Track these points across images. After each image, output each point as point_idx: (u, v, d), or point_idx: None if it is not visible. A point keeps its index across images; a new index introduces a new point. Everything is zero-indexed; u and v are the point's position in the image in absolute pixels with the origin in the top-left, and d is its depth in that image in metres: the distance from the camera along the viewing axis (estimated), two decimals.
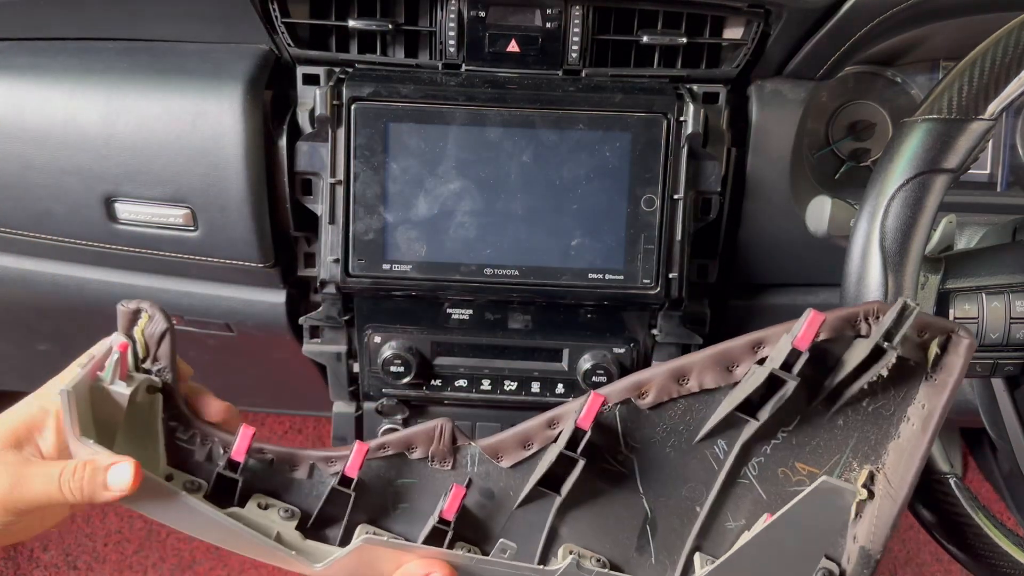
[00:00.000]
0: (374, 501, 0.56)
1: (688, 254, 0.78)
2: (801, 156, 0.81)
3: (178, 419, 0.56)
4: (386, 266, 0.77)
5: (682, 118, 0.75)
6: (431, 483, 0.56)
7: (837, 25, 0.74)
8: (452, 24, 0.77)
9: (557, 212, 0.76)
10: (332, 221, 0.77)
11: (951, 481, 0.56)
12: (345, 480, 0.54)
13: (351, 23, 0.77)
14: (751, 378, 0.51)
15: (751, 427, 0.52)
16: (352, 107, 0.75)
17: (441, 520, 0.53)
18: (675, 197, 0.76)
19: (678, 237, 0.77)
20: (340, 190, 0.76)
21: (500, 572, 0.53)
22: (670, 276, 0.77)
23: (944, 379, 0.50)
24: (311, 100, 0.77)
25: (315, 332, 0.87)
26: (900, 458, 0.51)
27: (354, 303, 0.83)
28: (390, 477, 0.56)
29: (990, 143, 0.88)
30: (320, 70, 0.79)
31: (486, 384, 0.84)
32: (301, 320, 0.86)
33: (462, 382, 0.84)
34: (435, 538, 0.53)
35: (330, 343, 0.86)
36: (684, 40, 0.77)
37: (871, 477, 0.52)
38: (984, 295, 0.59)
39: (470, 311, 0.82)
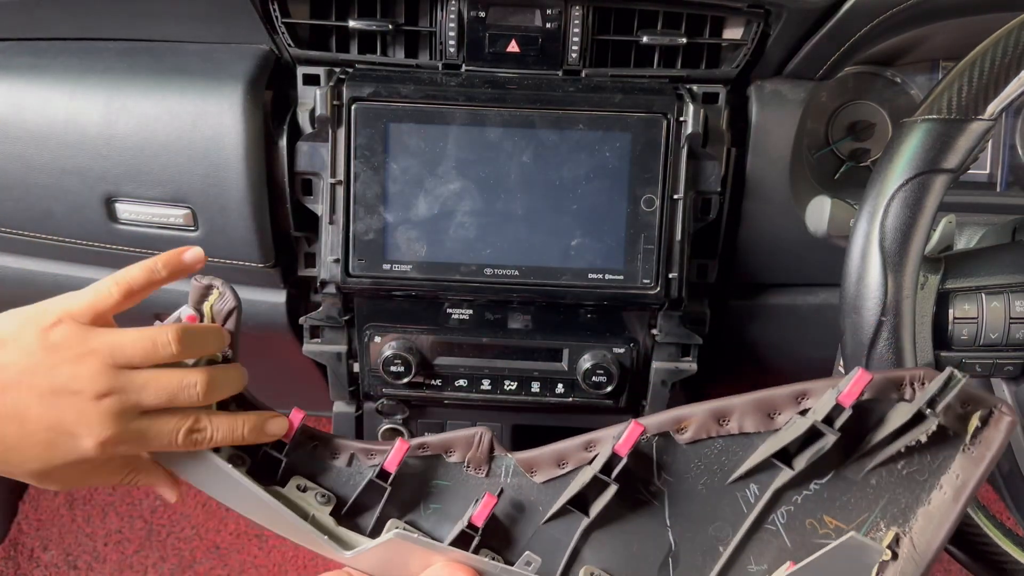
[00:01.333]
0: (407, 498, 0.58)
1: (688, 254, 0.78)
2: (801, 156, 0.81)
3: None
4: (386, 266, 0.77)
5: (682, 118, 0.75)
6: (464, 488, 0.57)
7: (837, 25, 0.74)
8: (452, 24, 0.77)
9: (557, 212, 0.76)
10: (332, 221, 0.77)
11: None
12: (383, 474, 0.56)
13: (351, 23, 0.77)
14: (791, 427, 0.51)
15: (785, 475, 0.52)
16: (352, 107, 0.75)
17: (470, 525, 0.54)
18: (675, 197, 0.76)
19: (678, 237, 0.77)
20: (340, 190, 0.76)
21: None
22: (670, 276, 0.77)
23: (982, 452, 0.50)
24: (311, 100, 0.77)
25: (315, 332, 0.87)
26: (928, 524, 0.52)
27: (354, 303, 0.83)
28: (426, 477, 0.58)
29: (990, 143, 0.88)
30: (320, 70, 0.79)
31: (486, 384, 0.84)
32: (301, 320, 0.86)
33: (462, 382, 0.84)
34: (462, 542, 0.54)
35: (330, 343, 0.86)
36: (684, 40, 0.77)
37: (896, 539, 0.52)
38: (984, 295, 0.59)
39: (470, 311, 0.82)
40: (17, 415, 0.49)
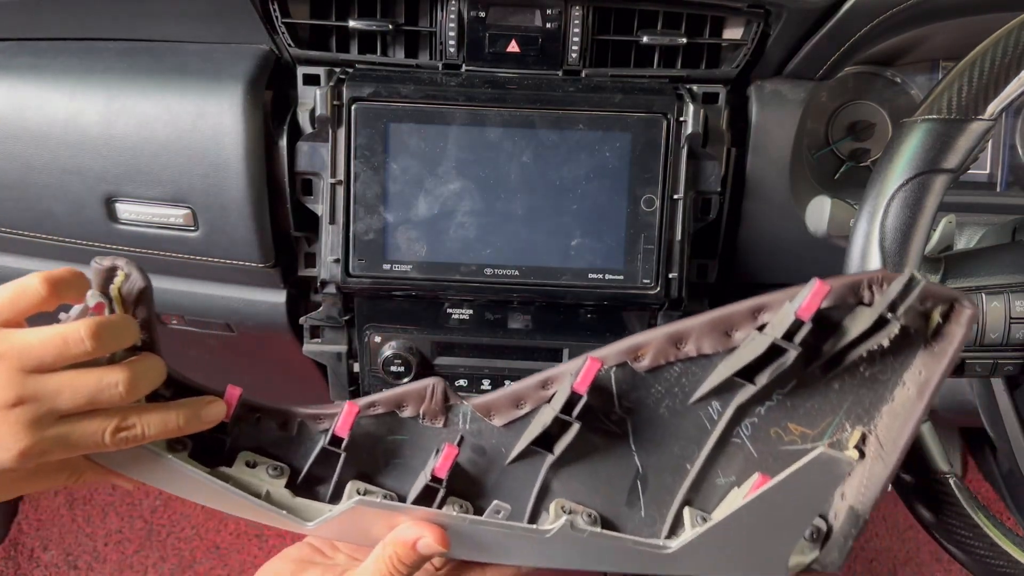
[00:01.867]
0: (365, 458, 0.56)
1: (688, 254, 0.78)
2: (801, 156, 0.81)
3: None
4: (386, 266, 0.77)
5: (682, 118, 0.75)
6: (422, 439, 0.56)
7: (837, 25, 0.74)
8: (452, 24, 0.77)
9: (557, 212, 0.76)
10: (332, 221, 0.77)
11: (951, 481, 0.56)
12: (335, 440, 0.54)
13: (351, 23, 0.77)
14: (751, 345, 0.51)
15: (747, 391, 0.52)
16: (352, 107, 0.75)
17: (433, 478, 0.53)
18: (675, 197, 0.76)
19: (678, 237, 0.77)
20: (340, 190, 0.76)
21: (493, 532, 0.52)
22: (670, 276, 0.77)
23: (944, 347, 0.49)
24: (311, 100, 0.77)
25: (315, 332, 0.87)
26: (894, 421, 0.51)
27: (354, 303, 0.83)
28: (381, 434, 0.56)
29: (990, 143, 0.88)
30: (320, 70, 0.79)
31: (486, 384, 0.84)
32: (301, 320, 0.86)
33: (462, 382, 0.84)
34: (427, 496, 0.53)
35: (330, 343, 0.86)
36: (684, 40, 0.77)
37: (863, 438, 0.52)
38: (984, 295, 0.59)
39: (470, 311, 0.82)
40: None
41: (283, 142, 0.78)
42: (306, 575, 0.53)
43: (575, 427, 0.52)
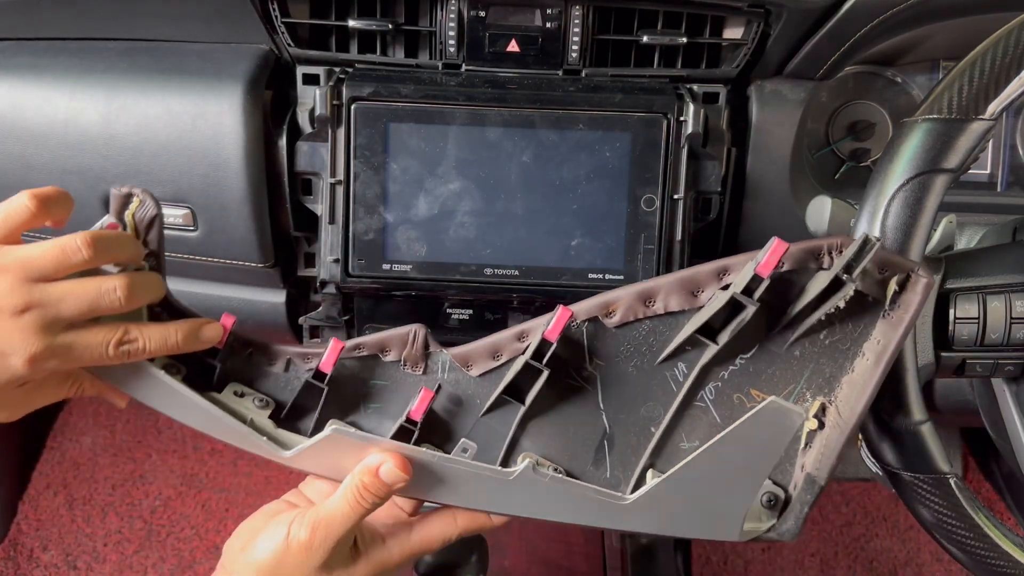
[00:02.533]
0: (346, 399, 0.58)
1: (688, 254, 0.78)
2: (801, 156, 0.81)
3: (162, 305, 0.57)
4: (386, 266, 0.77)
5: (682, 118, 0.75)
6: (402, 386, 0.58)
7: (837, 25, 0.74)
8: (452, 24, 0.77)
9: (557, 212, 0.76)
10: (332, 221, 0.77)
11: (952, 481, 0.56)
12: (319, 375, 0.56)
13: (351, 23, 0.77)
14: (713, 302, 0.53)
15: (710, 351, 0.53)
16: (352, 107, 0.75)
17: (408, 420, 0.55)
18: (675, 197, 0.76)
19: (678, 237, 0.77)
20: (340, 190, 0.76)
21: (459, 471, 0.55)
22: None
23: (900, 315, 0.51)
24: (311, 100, 0.77)
25: (315, 332, 0.86)
26: (852, 391, 0.53)
27: (354, 303, 0.83)
28: (364, 377, 0.58)
29: (990, 143, 0.88)
30: (320, 70, 0.79)
31: None
32: (301, 320, 0.86)
33: None
34: (402, 437, 0.55)
35: None
36: (684, 40, 0.77)
37: (823, 409, 0.54)
38: (984, 295, 0.58)
39: (470, 311, 0.82)
40: None
41: (283, 142, 0.78)
42: (278, 519, 0.55)
43: (544, 374, 0.54)
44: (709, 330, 0.53)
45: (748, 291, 0.51)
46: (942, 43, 0.83)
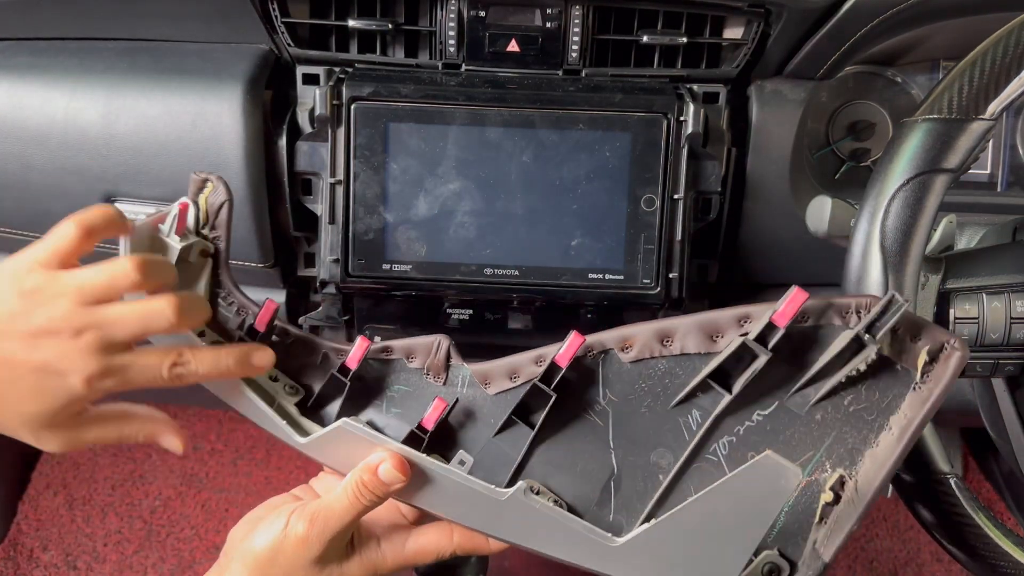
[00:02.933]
0: (368, 398, 0.60)
1: (688, 254, 0.78)
2: (801, 156, 0.81)
3: (222, 285, 0.60)
4: (386, 266, 0.77)
5: (682, 118, 0.75)
6: (423, 394, 0.59)
7: (837, 25, 0.74)
8: (452, 24, 0.77)
9: (557, 212, 0.76)
10: (332, 221, 0.77)
11: (951, 481, 0.56)
12: (344, 369, 0.58)
13: (351, 23, 0.77)
14: (728, 348, 0.51)
15: (724, 400, 0.52)
16: (352, 107, 0.75)
17: (419, 427, 0.56)
18: (675, 197, 0.76)
19: (678, 237, 0.77)
20: (340, 190, 0.76)
21: (454, 484, 0.55)
22: (670, 276, 0.77)
23: (930, 389, 0.48)
24: (311, 100, 0.77)
25: (315, 332, 0.86)
26: (873, 466, 0.50)
27: (354, 303, 0.83)
28: (388, 380, 0.60)
29: (990, 143, 0.88)
30: (320, 70, 0.79)
31: None
32: (301, 320, 0.86)
33: None
34: (412, 443, 0.56)
35: None
36: (684, 40, 0.77)
37: (841, 482, 0.51)
38: (984, 295, 0.58)
39: (470, 311, 0.82)
40: (4, 361, 0.50)
41: (282, 142, 0.78)
42: (279, 511, 0.56)
43: (552, 398, 0.54)
44: (724, 378, 0.51)
45: (763, 339, 0.49)
46: (942, 43, 0.83)
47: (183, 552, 1.41)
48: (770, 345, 0.49)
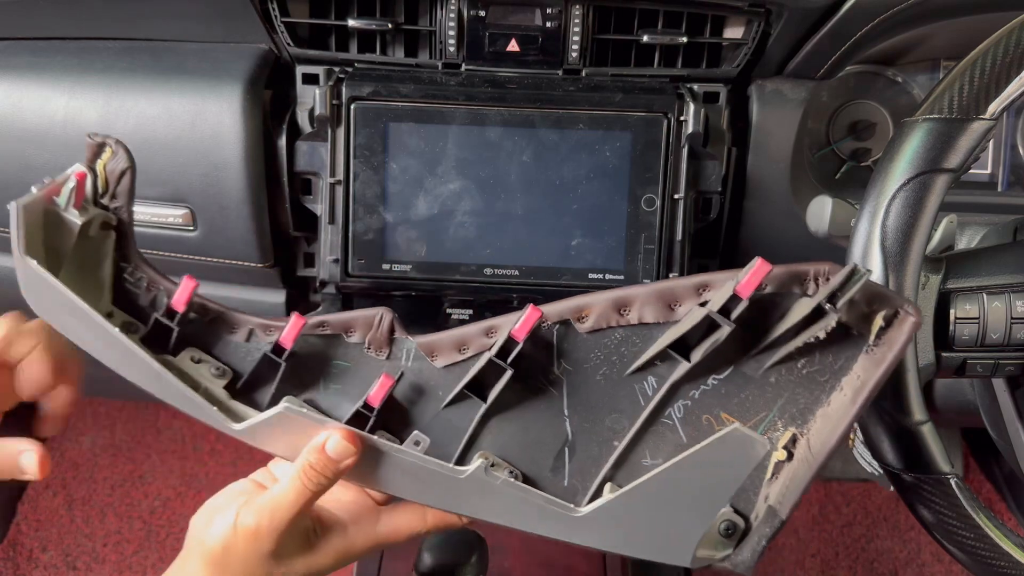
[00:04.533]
0: (307, 377, 0.56)
1: (688, 254, 0.78)
2: (802, 156, 0.81)
3: (128, 260, 0.55)
4: (386, 266, 0.77)
5: (682, 118, 0.75)
6: (365, 369, 0.56)
7: (838, 25, 0.74)
8: (452, 24, 0.77)
9: (557, 212, 0.76)
10: (332, 221, 0.77)
11: (952, 481, 0.56)
12: (278, 349, 0.54)
13: (351, 22, 0.77)
14: (689, 318, 0.51)
15: (682, 368, 0.52)
16: (352, 107, 0.74)
17: (365, 406, 0.53)
18: (675, 197, 0.76)
19: (678, 237, 0.77)
20: (340, 190, 0.76)
21: (409, 463, 0.52)
22: (670, 276, 0.77)
23: (883, 353, 0.49)
24: (311, 100, 0.77)
25: None
26: (826, 425, 0.51)
27: (354, 303, 0.83)
28: (326, 357, 0.56)
29: (991, 143, 0.88)
30: (320, 70, 0.79)
31: None
32: None
33: None
34: (358, 422, 0.53)
35: None
36: (684, 40, 0.77)
37: (793, 440, 0.52)
38: (985, 295, 0.58)
39: (470, 311, 0.82)
40: None
41: (282, 142, 0.78)
42: (231, 505, 0.54)
43: (508, 373, 0.52)
44: (682, 346, 0.51)
45: (726, 310, 0.49)
46: (943, 43, 0.83)
47: None
48: (733, 316, 0.49)
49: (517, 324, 0.52)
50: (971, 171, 0.88)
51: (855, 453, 1.31)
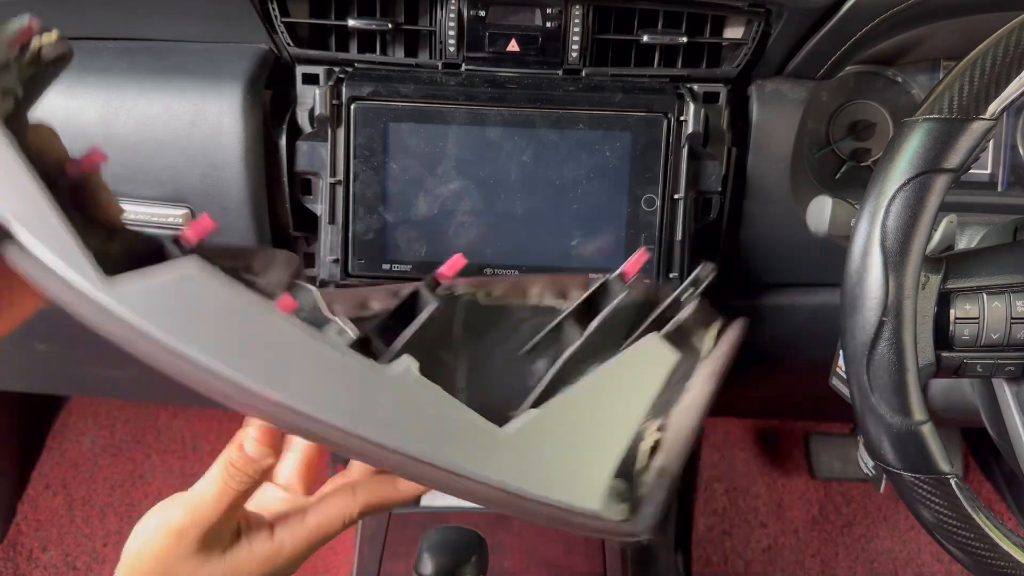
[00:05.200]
0: None
1: (688, 254, 0.78)
2: (802, 156, 0.81)
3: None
4: (386, 266, 0.77)
5: (682, 118, 0.75)
6: None
7: (837, 25, 0.74)
8: (452, 24, 0.77)
9: (557, 212, 0.76)
10: (332, 221, 0.77)
11: (952, 481, 0.56)
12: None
13: (351, 22, 0.77)
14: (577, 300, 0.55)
15: (571, 349, 0.53)
16: (352, 107, 0.74)
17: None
18: (675, 197, 0.76)
19: (678, 237, 0.77)
20: (340, 190, 0.76)
21: (325, 361, 0.44)
22: (670, 276, 0.77)
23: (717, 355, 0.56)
24: (311, 100, 0.77)
25: None
26: (680, 422, 0.54)
27: None
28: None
29: (991, 143, 0.88)
30: (320, 70, 0.79)
31: None
32: None
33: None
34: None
35: None
36: (684, 40, 0.77)
37: (661, 428, 0.55)
38: (985, 295, 0.58)
39: None
40: None
41: (282, 142, 0.78)
42: (156, 506, 0.53)
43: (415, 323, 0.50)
44: (576, 325, 0.54)
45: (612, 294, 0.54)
46: (943, 43, 0.83)
47: None
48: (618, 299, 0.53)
49: (422, 287, 0.52)
50: (971, 171, 0.88)
51: (858, 454, 1.31)
